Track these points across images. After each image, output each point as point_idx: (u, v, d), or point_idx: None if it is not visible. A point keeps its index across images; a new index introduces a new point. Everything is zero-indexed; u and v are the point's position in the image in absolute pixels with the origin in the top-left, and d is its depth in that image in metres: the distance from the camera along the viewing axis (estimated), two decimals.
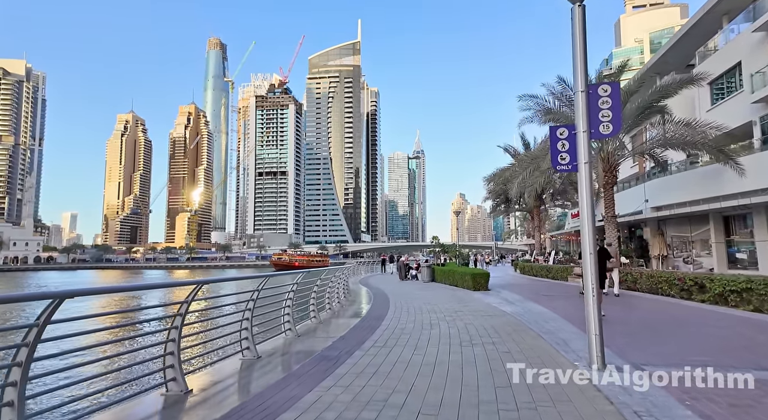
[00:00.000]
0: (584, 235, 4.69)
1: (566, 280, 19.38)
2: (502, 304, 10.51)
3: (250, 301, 5.47)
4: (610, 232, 17.83)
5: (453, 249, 19.46)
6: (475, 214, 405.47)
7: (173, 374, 4.03)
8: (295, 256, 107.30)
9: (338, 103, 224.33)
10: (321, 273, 9.76)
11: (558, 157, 4.88)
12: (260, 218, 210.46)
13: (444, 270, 18.48)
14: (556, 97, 17.99)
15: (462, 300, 11.58)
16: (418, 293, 14.20)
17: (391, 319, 8.34)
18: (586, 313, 4.51)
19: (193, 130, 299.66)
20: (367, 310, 10.07)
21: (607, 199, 17.92)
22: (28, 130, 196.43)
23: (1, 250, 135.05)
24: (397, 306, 10.62)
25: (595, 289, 4.54)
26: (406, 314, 9.13)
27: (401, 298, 12.46)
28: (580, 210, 4.77)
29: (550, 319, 7.98)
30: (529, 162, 18.87)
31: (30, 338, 2.78)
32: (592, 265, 4.56)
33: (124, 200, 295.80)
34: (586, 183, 4.67)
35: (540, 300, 11.47)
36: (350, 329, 7.25)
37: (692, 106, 22.49)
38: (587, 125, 4.67)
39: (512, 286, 17.28)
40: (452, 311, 9.34)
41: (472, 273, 14.82)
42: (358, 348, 5.65)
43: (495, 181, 30.92)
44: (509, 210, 40.94)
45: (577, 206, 37.03)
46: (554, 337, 6.01)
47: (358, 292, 15.41)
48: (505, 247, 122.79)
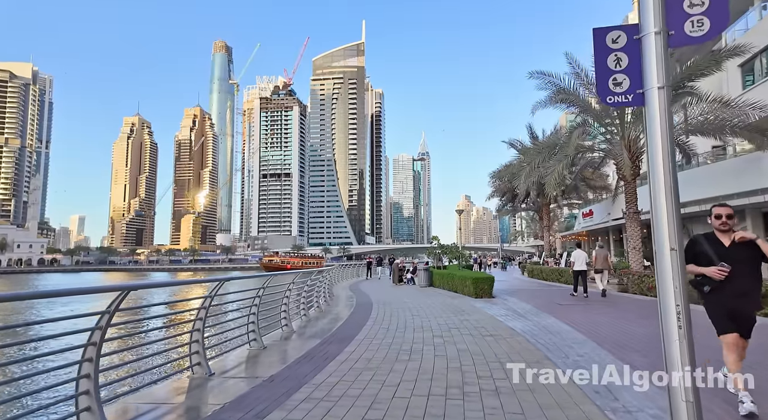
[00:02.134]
0: (658, 217, 2.58)
1: None
2: (509, 317, 8.41)
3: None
4: (632, 231, 15.64)
5: (453, 250, 17.27)
6: (481, 216, 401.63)
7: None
8: (287, 259, 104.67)
9: (342, 104, 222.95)
10: (290, 277, 7.91)
11: (608, 81, 2.76)
12: (264, 220, 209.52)
13: (442, 274, 16.36)
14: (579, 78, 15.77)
15: (460, 311, 9.49)
16: (409, 301, 12.12)
17: (359, 343, 6.28)
18: (667, 355, 2.43)
19: (199, 133, 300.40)
20: (338, 326, 8.03)
21: (629, 194, 15.74)
22: (35, 133, 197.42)
23: (5, 252, 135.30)
24: (378, 319, 8.57)
25: (683, 313, 2.45)
26: (383, 332, 7.08)
27: (387, 309, 10.41)
28: (652, 175, 2.63)
29: (576, 343, 5.88)
30: (536, 152, 16.71)
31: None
32: (676, 268, 2.48)
33: (130, 202, 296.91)
34: (662, 123, 2.57)
35: (555, 311, 9.35)
36: (292, 363, 5.20)
37: (720, 90, 20.24)
38: (662, 22, 2.59)
39: (520, 292, 15.13)
40: (446, 328, 7.27)
41: (473, 277, 12.71)
42: (277, 407, 3.59)
43: (500, 177, 28.77)
44: (516, 209, 38.72)
45: (589, 204, 34.84)
46: (593, 385, 3.89)
47: (340, 299, 13.37)
48: (511, 249, 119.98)
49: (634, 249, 15.46)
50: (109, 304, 3.33)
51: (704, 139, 16.50)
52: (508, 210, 39.30)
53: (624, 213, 15.92)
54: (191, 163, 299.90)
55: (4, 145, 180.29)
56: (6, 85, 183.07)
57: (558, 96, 15.69)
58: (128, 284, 3.17)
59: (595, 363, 4.65)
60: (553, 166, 15.90)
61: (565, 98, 15.77)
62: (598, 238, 34.61)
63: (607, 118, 16.11)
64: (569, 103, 16.90)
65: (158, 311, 13.78)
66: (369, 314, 9.36)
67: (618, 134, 15.53)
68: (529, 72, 16.96)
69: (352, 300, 13.02)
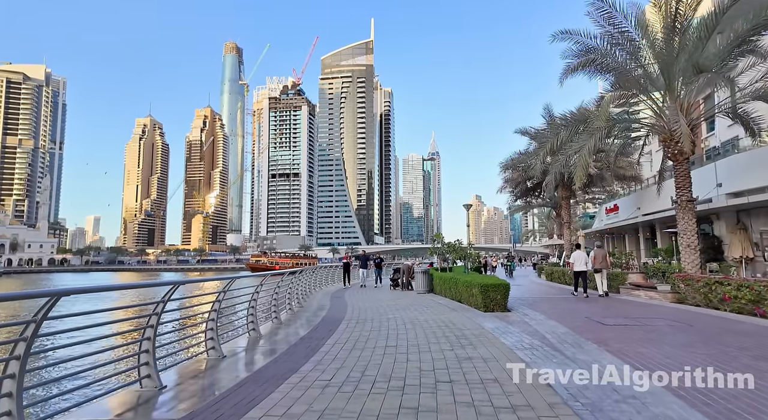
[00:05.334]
0: None
1: (617, 292, 13.90)
2: (537, 353, 5.29)
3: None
4: (686, 224, 12.30)
5: (458, 249, 13.94)
6: (491, 216, 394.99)
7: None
8: (276, 259, 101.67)
9: (351, 103, 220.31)
10: None
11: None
12: (273, 220, 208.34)
13: (445, 278, 13.19)
14: None
15: (461, 338, 6.37)
16: (394, 317, 9.06)
17: (275, 404, 3.31)
18: None
19: (209, 134, 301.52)
20: (272, 359, 5.04)
21: (681, 177, 12.41)
22: (48, 134, 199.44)
23: (17, 252, 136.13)
24: (330, 354, 5.53)
25: None
26: (320, 388, 4.03)
27: (357, 330, 7.39)
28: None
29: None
30: (562, 126, 13.30)
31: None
32: None
33: (141, 203, 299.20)
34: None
35: (604, 336, 6.20)
36: None
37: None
38: None
39: (541, 302, 11.95)
40: (428, 384, 4.17)
41: (481, 284, 9.57)
42: None
43: (513, 166, 25.46)
44: (530, 205, 35.31)
45: (614, 199, 31.21)
46: None
47: (309, 309, 10.34)
48: (523, 249, 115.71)
49: (689, 247, 12.14)
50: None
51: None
52: (521, 206, 35.87)
53: (674, 202, 12.58)
54: (202, 163, 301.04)
55: (17, 146, 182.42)
56: (20, 87, 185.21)
57: (588, 57, 12.44)
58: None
59: None
60: (584, 141, 12.63)
61: (596, 60, 12.50)
62: (602, 237, 31.03)
63: (651, 84, 12.82)
64: (602, 70, 13.65)
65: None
66: (325, 340, 6.35)
67: (669, 99, 12.22)
68: (552, 33, 13.74)
69: (322, 311, 10.03)
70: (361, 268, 17.86)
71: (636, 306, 10.55)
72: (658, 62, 12.54)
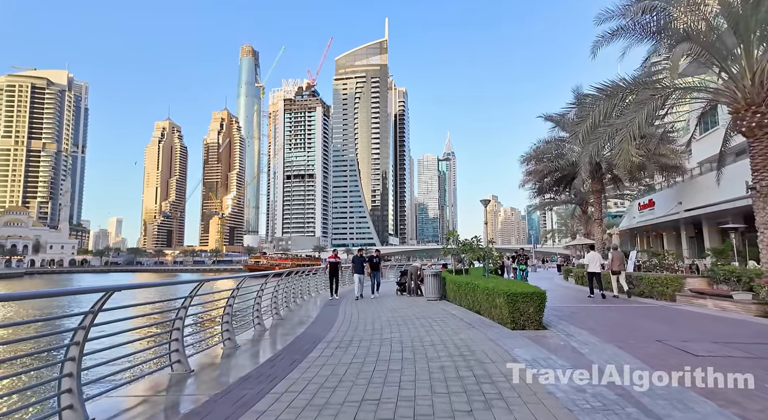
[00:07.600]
0: None
1: (673, 301, 11.35)
2: (612, 417, 3.04)
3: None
4: (766, 216, 9.73)
5: (476, 248, 11.60)
6: (509, 217, 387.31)
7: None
8: (276, 260, 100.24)
9: (365, 103, 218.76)
10: None
11: None
12: (288, 221, 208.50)
13: (459, 283, 10.88)
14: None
15: (484, 381, 4.09)
16: (391, 337, 6.86)
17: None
18: None
19: (226, 136, 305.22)
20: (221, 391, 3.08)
21: (760, 156, 9.85)
22: (70, 138, 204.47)
23: (39, 253, 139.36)
24: (287, 407, 3.40)
25: None
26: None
27: (337, 357, 5.25)
28: None
29: None
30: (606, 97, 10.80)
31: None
32: None
33: (161, 205, 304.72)
34: None
35: (714, 391, 3.89)
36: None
37: None
38: None
39: (582, 313, 9.55)
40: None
41: (508, 292, 7.28)
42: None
43: (537, 157, 22.90)
44: (554, 202, 32.60)
45: (648, 194, 28.25)
46: None
47: (291, 320, 8.23)
48: (542, 250, 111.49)
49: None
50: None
51: None
52: (544, 203, 33.15)
53: (750, 188, 10.00)
54: (219, 165, 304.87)
55: (41, 149, 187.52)
56: (44, 92, 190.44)
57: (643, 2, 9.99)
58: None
59: None
60: (632, 113, 10.16)
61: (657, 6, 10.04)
62: (634, 236, 28.00)
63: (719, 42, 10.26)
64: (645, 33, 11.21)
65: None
66: (291, 369, 4.22)
67: (742, 59, 9.67)
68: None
69: (304, 324, 7.92)
70: (356, 274, 13.10)
71: (712, 321, 8.07)
72: (728, 15, 10.02)
